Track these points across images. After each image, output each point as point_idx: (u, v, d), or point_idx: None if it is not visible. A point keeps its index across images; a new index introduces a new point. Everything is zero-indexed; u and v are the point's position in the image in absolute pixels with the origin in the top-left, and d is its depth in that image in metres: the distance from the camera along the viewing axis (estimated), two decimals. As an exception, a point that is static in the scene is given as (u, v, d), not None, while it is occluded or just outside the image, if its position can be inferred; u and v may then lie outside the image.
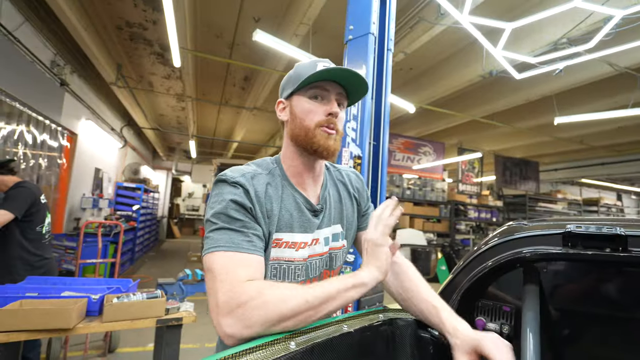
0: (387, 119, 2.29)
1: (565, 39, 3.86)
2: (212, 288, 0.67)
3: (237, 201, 0.75)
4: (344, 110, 0.91)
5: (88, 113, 6.06)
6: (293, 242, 0.85)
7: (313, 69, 0.83)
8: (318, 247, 0.90)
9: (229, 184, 0.78)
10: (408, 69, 6.02)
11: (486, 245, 0.96)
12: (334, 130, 0.85)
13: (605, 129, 7.86)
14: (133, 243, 7.44)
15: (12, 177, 2.33)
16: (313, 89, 0.85)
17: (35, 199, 2.28)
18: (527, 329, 0.76)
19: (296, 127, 0.86)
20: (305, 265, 0.88)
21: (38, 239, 2.31)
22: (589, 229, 0.75)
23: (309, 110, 0.84)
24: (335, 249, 0.96)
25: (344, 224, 0.98)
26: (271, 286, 0.66)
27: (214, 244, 0.71)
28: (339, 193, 1.00)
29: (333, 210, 0.95)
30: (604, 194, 15.16)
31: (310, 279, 0.90)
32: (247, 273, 0.68)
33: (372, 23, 2.21)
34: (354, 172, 1.08)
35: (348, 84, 0.87)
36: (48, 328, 1.53)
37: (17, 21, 3.75)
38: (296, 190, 0.89)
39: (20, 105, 3.92)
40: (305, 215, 0.88)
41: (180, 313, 1.93)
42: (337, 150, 0.86)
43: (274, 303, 0.63)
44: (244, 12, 4.53)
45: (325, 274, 0.96)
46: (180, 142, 12.56)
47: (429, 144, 9.65)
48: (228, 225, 0.73)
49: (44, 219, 2.38)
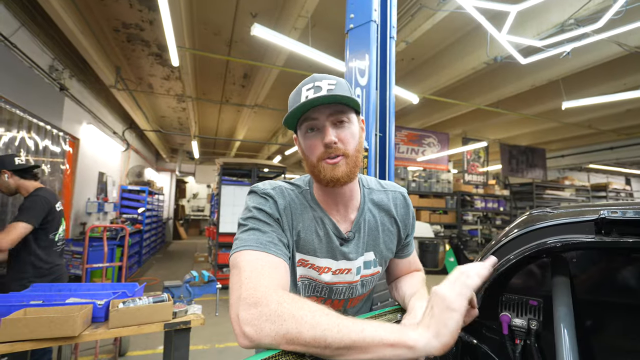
0: (392, 109, 2.22)
1: (572, 19, 3.75)
2: (236, 283, 0.66)
3: (266, 211, 0.79)
4: (350, 124, 0.81)
5: (89, 117, 6.03)
6: (318, 266, 0.85)
7: (299, 99, 0.78)
8: (348, 276, 0.88)
9: (260, 195, 0.82)
10: (410, 59, 5.91)
11: (507, 237, 0.89)
12: (337, 158, 0.78)
13: (614, 112, 7.70)
14: (140, 246, 7.46)
15: (34, 183, 2.33)
16: (305, 121, 0.80)
17: (51, 207, 2.26)
18: (561, 324, 0.70)
19: (306, 164, 0.85)
20: (328, 288, 0.88)
21: (50, 246, 2.29)
22: (626, 214, 0.68)
23: (308, 146, 0.81)
24: (367, 275, 0.93)
25: (378, 251, 0.93)
26: (293, 301, 0.59)
27: (242, 244, 0.72)
28: (377, 219, 0.93)
29: (367, 238, 0.90)
30: (612, 179, 14.94)
31: (332, 299, 0.89)
32: (273, 276, 0.67)
33: (373, 10, 2.13)
34: (402, 195, 0.99)
35: (334, 100, 0.77)
36: (53, 337, 1.49)
37: (13, 26, 3.71)
38: (325, 215, 0.86)
39: (21, 112, 3.89)
40: (333, 242, 0.85)
41: (188, 316, 1.89)
42: (349, 175, 0.80)
43: (289, 323, 0.56)
44: (241, 8, 4.46)
45: (356, 298, 0.95)
46: (183, 143, 12.55)
47: (433, 134, 9.53)
48: (257, 226, 0.76)
49: (59, 226, 2.36)
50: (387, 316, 0.85)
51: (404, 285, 0.97)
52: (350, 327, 0.54)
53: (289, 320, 0.56)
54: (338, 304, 0.91)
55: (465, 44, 5.17)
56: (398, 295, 0.97)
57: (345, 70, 2.26)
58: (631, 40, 4.32)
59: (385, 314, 0.86)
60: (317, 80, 0.80)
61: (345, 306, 0.93)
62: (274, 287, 0.63)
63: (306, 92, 0.78)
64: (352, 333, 0.53)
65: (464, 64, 5.25)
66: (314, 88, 0.78)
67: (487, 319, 0.91)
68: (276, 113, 8.23)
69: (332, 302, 0.90)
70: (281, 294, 0.61)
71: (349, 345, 0.53)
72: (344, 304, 0.92)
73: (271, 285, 0.64)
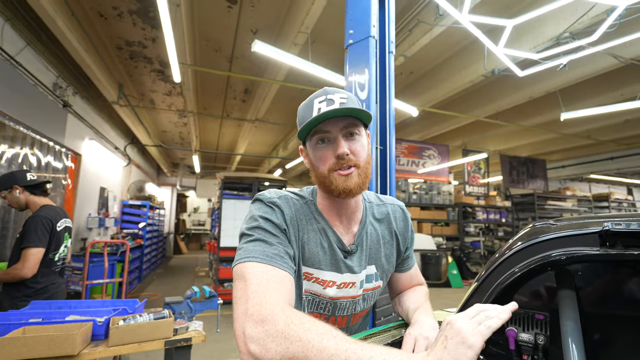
0: (392, 122, 2.24)
1: (567, 33, 3.81)
2: (242, 297, 0.65)
3: (273, 221, 0.77)
4: (361, 136, 0.83)
5: (91, 133, 6.08)
6: (323, 279, 0.84)
7: (310, 111, 0.80)
8: (352, 290, 0.88)
9: (266, 204, 0.80)
10: (409, 72, 5.99)
11: (510, 250, 0.89)
12: (349, 169, 0.80)
13: (612, 122, 7.74)
14: (140, 261, 7.40)
15: (42, 199, 2.33)
16: (316, 134, 0.81)
17: (52, 227, 2.23)
18: (569, 339, 0.69)
19: (315, 175, 0.85)
20: (332, 304, 0.86)
21: (49, 265, 2.24)
22: (630, 225, 0.68)
23: (319, 157, 0.82)
24: (369, 290, 0.92)
25: (379, 264, 0.93)
26: (300, 322, 0.58)
27: (247, 255, 0.71)
28: (378, 232, 0.94)
29: (368, 251, 0.91)
30: (613, 189, 14.90)
31: (336, 316, 0.88)
32: (279, 291, 0.65)
33: (372, 26, 2.18)
34: (401, 208, 1.01)
35: (349, 113, 0.80)
36: (52, 356, 1.47)
37: (19, 46, 3.78)
38: (329, 227, 0.86)
39: (24, 129, 3.93)
40: (336, 255, 0.85)
41: (189, 333, 1.86)
42: (361, 186, 0.81)
43: (296, 346, 0.55)
44: (242, 25, 4.55)
45: (359, 314, 0.94)
46: (184, 157, 12.60)
47: (433, 146, 9.57)
48: (263, 238, 0.74)
49: (59, 245, 2.31)
50: (392, 332, 0.83)
51: (407, 299, 0.97)
52: (358, 354, 0.51)
53: (296, 342, 0.54)
54: (342, 320, 0.90)
55: (463, 58, 5.24)
56: (402, 309, 0.96)
57: (345, 85, 2.29)
58: (626, 52, 4.38)
59: (389, 329, 0.85)
60: (329, 94, 0.81)
61: (348, 323, 0.91)
62: (281, 305, 0.62)
63: (319, 105, 0.80)
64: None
65: (462, 77, 5.31)
66: (326, 101, 0.80)
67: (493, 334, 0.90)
68: (277, 127, 8.30)
69: (336, 320, 0.89)
70: (289, 313, 0.60)
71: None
72: (347, 321, 0.91)
73: (278, 302, 0.62)
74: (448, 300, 6.54)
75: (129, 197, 8.82)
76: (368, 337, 0.79)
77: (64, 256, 2.39)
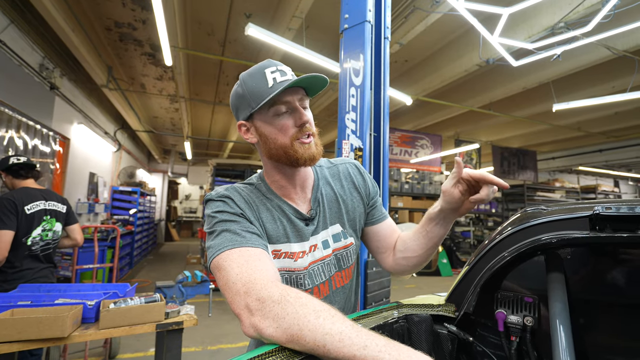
0: (386, 109, 2.23)
1: (562, 23, 3.80)
2: (226, 284, 0.65)
3: (227, 211, 0.78)
4: (308, 108, 0.85)
5: (80, 117, 5.95)
6: (291, 252, 0.84)
7: (265, 83, 0.78)
8: (317, 252, 0.89)
9: (215, 200, 0.81)
10: (403, 61, 5.95)
11: (501, 235, 0.89)
12: (309, 138, 0.81)
13: (602, 114, 7.84)
14: (131, 247, 7.36)
15: (24, 182, 2.33)
16: (274, 105, 0.79)
17: (15, 208, 2.12)
18: (557, 320, 0.70)
19: (272, 148, 0.82)
20: (307, 274, 0.86)
21: (20, 249, 2.13)
22: (620, 209, 0.69)
23: (280, 127, 0.80)
24: (340, 249, 0.92)
25: (344, 221, 0.94)
26: (297, 298, 0.57)
27: (218, 248, 0.71)
28: (335, 191, 0.95)
29: (328, 211, 0.92)
30: (601, 181, 15.19)
31: (317, 285, 0.88)
32: (261, 268, 0.66)
33: (368, 10, 2.14)
34: (352, 164, 1.02)
35: (306, 83, 0.81)
36: (42, 337, 1.46)
37: (2, 24, 3.64)
38: (284, 202, 0.87)
39: (10, 111, 3.82)
40: (297, 225, 0.86)
41: (180, 317, 1.86)
42: (320, 154, 0.84)
43: (291, 320, 0.54)
44: (235, 8, 4.45)
45: (337, 276, 0.92)
46: (175, 144, 12.45)
47: (426, 136, 9.58)
48: (225, 228, 0.74)
49: (30, 230, 2.18)
50: (383, 314, 0.84)
51: (404, 234, 0.97)
52: (353, 339, 0.49)
53: (291, 316, 0.54)
54: (323, 288, 0.89)
55: (458, 47, 5.22)
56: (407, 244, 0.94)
57: (340, 70, 2.26)
58: (619, 44, 4.40)
59: (381, 311, 0.86)
60: (277, 65, 0.81)
61: (331, 289, 0.90)
62: (269, 280, 0.62)
63: (272, 75, 0.79)
64: (353, 347, 0.48)
65: (457, 66, 5.29)
66: (279, 72, 0.79)
67: (482, 316, 0.91)
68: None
69: (320, 291, 0.88)
70: (282, 288, 0.60)
71: (349, 358, 0.49)
72: (328, 287, 0.90)
73: (265, 278, 0.63)
74: (438, 288, 6.65)
75: (119, 183, 8.71)
76: (360, 318, 0.79)
77: (42, 240, 2.25)
